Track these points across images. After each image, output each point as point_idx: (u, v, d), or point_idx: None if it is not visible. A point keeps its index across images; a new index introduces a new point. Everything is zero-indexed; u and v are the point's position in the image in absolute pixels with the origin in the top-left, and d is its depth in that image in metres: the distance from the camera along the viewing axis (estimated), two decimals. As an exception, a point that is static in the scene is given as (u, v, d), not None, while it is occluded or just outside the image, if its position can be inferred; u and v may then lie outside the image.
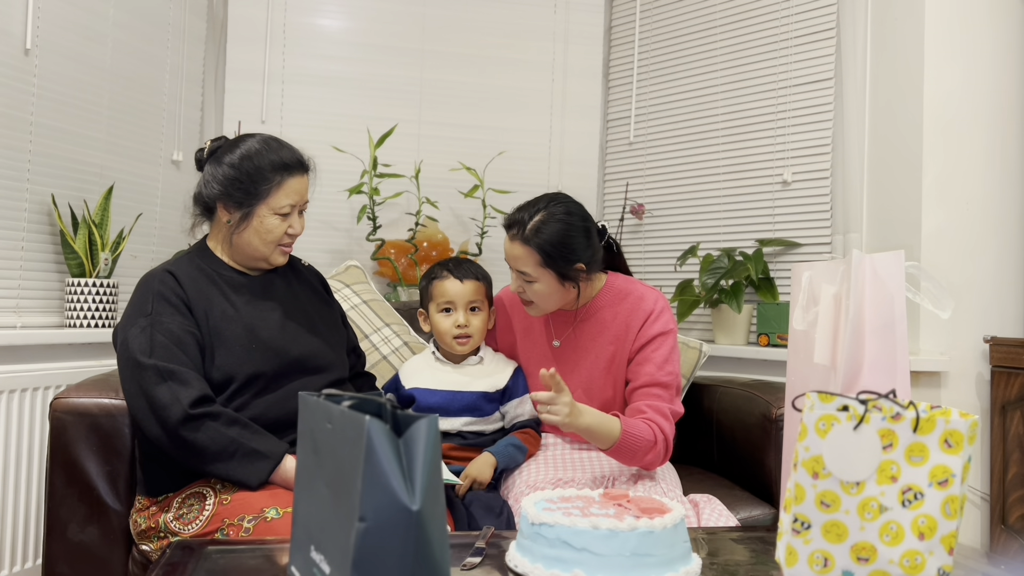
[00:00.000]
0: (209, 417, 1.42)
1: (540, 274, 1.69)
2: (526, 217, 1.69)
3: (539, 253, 1.67)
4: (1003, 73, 2.34)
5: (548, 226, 1.67)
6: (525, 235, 1.67)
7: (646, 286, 1.83)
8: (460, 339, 1.85)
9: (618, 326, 1.77)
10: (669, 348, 1.73)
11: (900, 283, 1.17)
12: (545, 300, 1.73)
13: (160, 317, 1.49)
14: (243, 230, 1.59)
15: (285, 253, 1.65)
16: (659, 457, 1.66)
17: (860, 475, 0.95)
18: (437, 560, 0.79)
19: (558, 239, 1.67)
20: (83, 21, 2.27)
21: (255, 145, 1.60)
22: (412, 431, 0.80)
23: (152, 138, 2.59)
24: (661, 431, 1.65)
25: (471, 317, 1.85)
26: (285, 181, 1.59)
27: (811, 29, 2.62)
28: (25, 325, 2.11)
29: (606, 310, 1.79)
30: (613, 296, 1.80)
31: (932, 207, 2.29)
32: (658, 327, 1.74)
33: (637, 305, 1.77)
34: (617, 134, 3.12)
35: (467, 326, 1.84)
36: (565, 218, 1.69)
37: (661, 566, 1.00)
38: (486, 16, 3.05)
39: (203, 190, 1.62)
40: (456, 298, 1.84)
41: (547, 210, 1.69)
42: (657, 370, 1.71)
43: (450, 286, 1.85)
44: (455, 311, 1.85)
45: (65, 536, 1.57)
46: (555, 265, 1.68)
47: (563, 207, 1.71)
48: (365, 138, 2.78)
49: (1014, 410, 2.12)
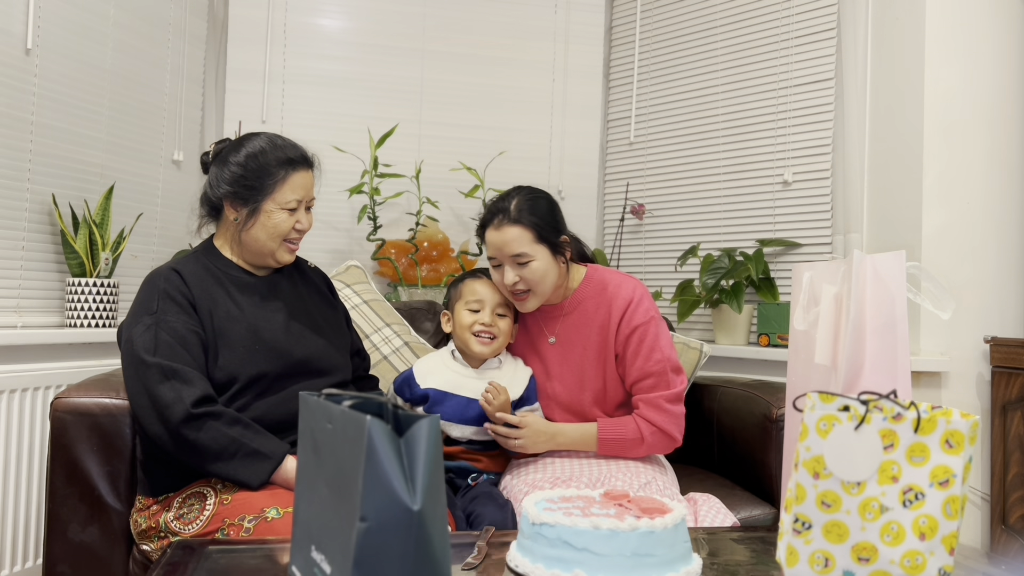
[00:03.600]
0: (211, 417, 1.42)
1: (536, 251, 1.74)
2: (505, 204, 1.76)
3: (532, 229, 1.73)
4: (1003, 73, 2.34)
5: (529, 202, 1.76)
6: (513, 216, 1.74)
7: (623, 275, 1.87)
8: (480, 336, 1.82)
9: (601, 316, 1.81)
10: (653, 336, 1.77)
11: (901, 283, 1.17)
12: (542, 280, 1.76)
13: (165, 316, 1.49)
14: (250, 226, 1.59)
15: (292, 250, 1.65)
16: (654, 447, 1.76)
17: (861, 475, 0.95)
18: (438, 560, 0.79)
19: (544, 210, 1.77)
20: (83, 21, 2.27)
21: (260, 143, 1.61)
22: (413, 431, 0.80)
23: (153, 138, 2.59)
24: (648, 423, 1.75)
25: (498, 320, 1.84)
26: (290, 176, 1.60)
27: (811, 29, 2.62)
28: (26, 325, 2.11)
29: (588, 301, 1.83)
30: (594, 287, 1.84)
31: (933, 207, 2.29)
32: (638, 317, 1.78)
33: (616, 294, 1.81)
34: (617, 134, 3.12)
35: (492, 325, 1.83)
36: (541, 194, 1.80)
37: (662, 566, 1.00)
38: (486, 16, 3.05)
39: (209, 191, 1.62)
40: (486, 298, 1.84)
41: (520, 194, 1.79)
42: (645, 361, 1.77)
43: (481, 287, 1.86)
44: (483, 310, 1.84)
45: (66, 536, 1.57)
46: (548, 237, 1.75)
47: (532, 189, 1.81)
48: (365, 138, 2.78)
49: (1014, 410, 2.12)
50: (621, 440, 1.75)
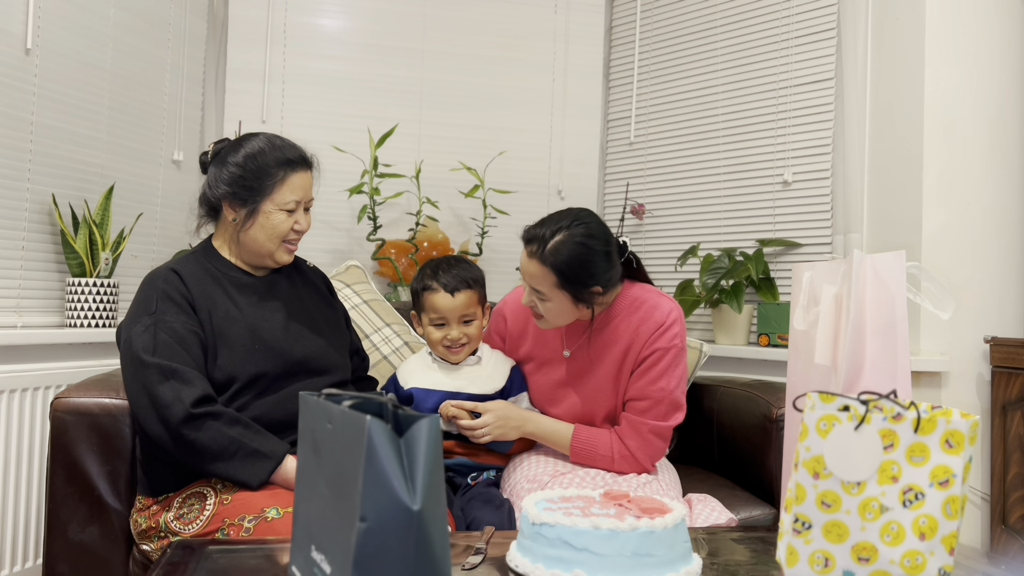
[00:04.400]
0: (211, 417, 1.42)
1: (554, 295, 1.65)
2: (547, 234, 1.63)
3: (556, 274, 1.62)
4: (1003, 73, 2.34)
5: (567, 247, 1.62)
6: (543, 254, 1.62)
7: (662, 295, 1.78)
8: (451, 348, 1.83)
9: (630, 335, 1.74)
10: (668, 364, 1.70)
11: (901, 283, 1.17)
12: (556, 318, 1.70)
13: (164, 316, 1.49)
14: (249, 227, 1.59)
15: (291, 251, 1.65)
16: (623, 469, 1.71)
17: (861, 475, 0.95)
18: (438, 560, 0.79)
19: (577, 262, 1.62)
20: (83, 21, 2.27)
21: (258, 144, 1.61)
22: (413, 431, 0.80)
23: (152, 138, 2.59)
24: (623, 446, 1.70)
25: (465, 329, 1.83)
26: (289, 176, 1.60)
27: (811, 29, 2.62)
28: (25, 325, 2.11)
29: (620, 320, 1.75)
30: (628, 305, 1.76)
31: (933, 207, 2.29)
32: (663, 341, 1.71)
33: (650, 315, 1.73)
34: (617, 134, 3.12)
35: (460, 337, 1.82)
36: (585, 240, 1.63)
37: (662, 566, 1.00)
38: (486, 16, 3.05)
39: (208, 191, 1.62)
40: (448, 314, 1.80)
41: (568, 230, 1.63)
42: (648, 384, 1.70)
43: (442, 301, 1.80)
44: (447, 324, 1.82)
45: (65, 536, 1.57)
46: (571, 287, 1.64)
47: (584, 228, 1.64)
48: (365, 138, 2.78)
49: (1014, 410, 2.12)
50: (592, 453, 1.70)
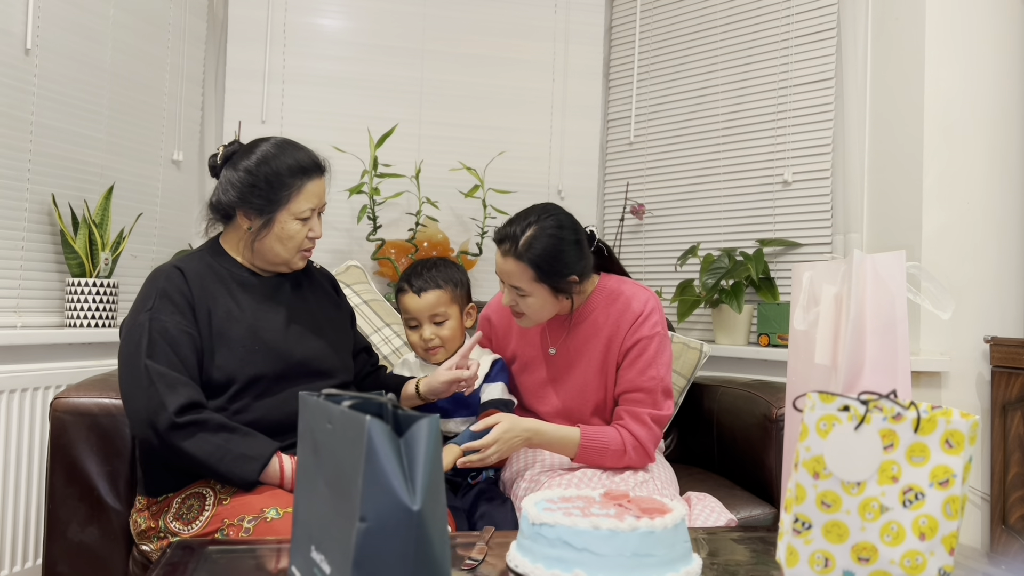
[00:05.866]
0: (195, 425, 1.40)
1: (534, 289, 1.68)
2: (517, 231, 1.67)
3: (533, 268, 1.66)
4: (1003, 73, 2.34)
5: (540, 241, 1.66)
6: (518, 251, 1.66)
7: (638, 285, 1.82)
8: (429, 351, 1.86)
9: (610, 327, 1.77)
10: (654, 352, 1.73)
11: (901, 283, 1.17)
12: (538, 313, 1.72)
13: (158, 314, 1.48)
14: (264, 236, 1.58)
15: (305, 257, 1.65)
16: (633, 461, 1.70)
17: (861, 475, 0.95)
18: (438, 560, 0.79)
19: (551, 254, 1.66)
20: (83, 21, 2.27)
21: (271, 149, 1.58)
22: (413, 431, 0.80)
23: (152, 138, 2.59)
24: (632, 436, 1.69)
25: (437, 329, 1.84)
26: (304, 185, 1.58)
27: (811, 29, 2.62)
28: (25, 325, 2.11)
29: (599, 312, 1.78)
30: (605, 297, 1.79)
31: (933, 207, 2.29)
32: (645, 330, 1.73)
33: (627, 306, 1.76)
34: (617, 134, 3.12)
35: (432, 338, 1.83)
36: (557, 232, 1.67)
37: (662, 566, 1.00)
38: (486, 16, 3.05)
39: (221, 197, 1.59)
40: (417, 314, 1.83)
41: (538, 224, 1.68)
42: (639, 375, 1.72)
43: (410, 302, 1.84)
44: (419, 326, 1.85)
45: (65, 536, 1.57)
46: (549, 280, 1.67)
47: (554, 220, 1.69)
48: (365, 138, 2.78)
49: (1014, 410, 2.12)
50: (603, 449, 1.69)
